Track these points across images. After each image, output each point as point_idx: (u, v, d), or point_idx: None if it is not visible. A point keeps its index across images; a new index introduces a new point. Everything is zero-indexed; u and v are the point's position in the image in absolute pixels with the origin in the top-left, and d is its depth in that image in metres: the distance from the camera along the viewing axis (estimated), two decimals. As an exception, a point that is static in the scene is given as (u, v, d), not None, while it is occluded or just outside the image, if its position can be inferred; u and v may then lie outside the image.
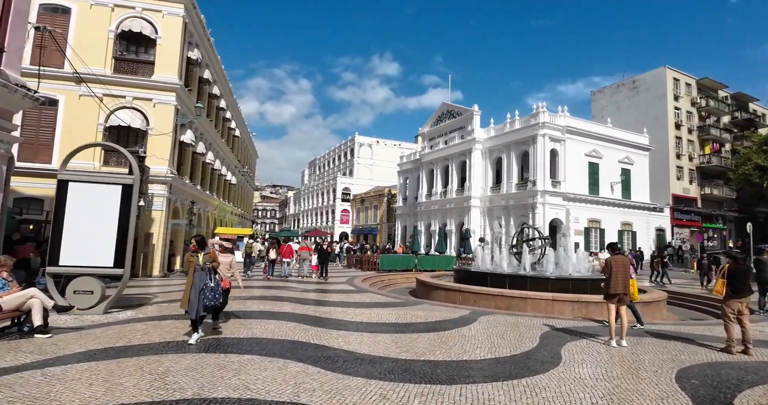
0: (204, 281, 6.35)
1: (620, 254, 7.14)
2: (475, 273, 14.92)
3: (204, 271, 6.43)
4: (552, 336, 7.41)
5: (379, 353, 5.96)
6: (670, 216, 39.66)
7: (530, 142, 32.28)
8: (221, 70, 28.02)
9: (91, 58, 18.25)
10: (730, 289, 6.60)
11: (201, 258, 6.53)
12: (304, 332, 7.15)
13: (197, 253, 6.59)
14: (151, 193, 18.25)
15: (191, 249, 6.71)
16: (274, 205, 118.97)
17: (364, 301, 11.06)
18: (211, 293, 6.37)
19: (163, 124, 18.65)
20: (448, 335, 7.27)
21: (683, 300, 16.14)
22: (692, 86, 44.26)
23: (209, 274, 6.48)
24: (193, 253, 6.61)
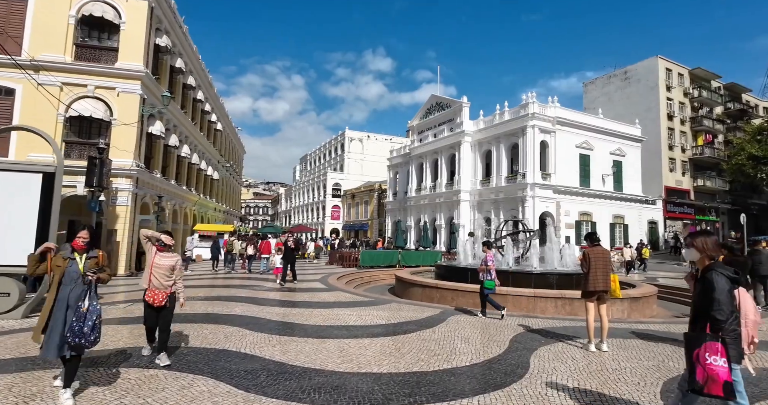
0: (78, 302, 3.95)
1: (599, 246, 6.26)
2: (455, 268, 14.05)
3: (81, 285, 4.01)
4: (524, 339, 6.55)
5: (315, 364, 5.06)
6: (663, 208, 39.03)
7: (520, 133, 31.41)
8: (197, 60, 26.88)
9: (50, 45, 17.20)
10: (725, 284, 5.74)
11: (81, 262, 4.12)
12: (240, 339, 6.24)
13: (78, 252, 4.18)
14: (114, 187, 17.24)
15: (74, 245, 4.22)
16: (266, 202, 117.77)
17: (328, 300, 10.16)
18: (81, 323, 3.86)
19: (128, 114, 17.59)
20: (406, 340, 6.38)
21: (675, 294, 15.37)
22: (685, 76, 43.52)
23: (89, 291, 4.02)
24: (71, 253, 4.16)
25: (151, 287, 5.16)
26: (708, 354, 2.77)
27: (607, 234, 34.14)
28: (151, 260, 5.26)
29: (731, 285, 2.93)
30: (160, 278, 5.17)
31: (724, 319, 2.82)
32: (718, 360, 2.75)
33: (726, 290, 2.88)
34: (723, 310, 2.82)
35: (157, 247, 5.34)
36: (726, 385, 2.73)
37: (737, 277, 2.97)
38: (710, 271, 2.99)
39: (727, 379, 2.73)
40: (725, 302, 2.84)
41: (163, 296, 5.15)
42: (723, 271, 2.94)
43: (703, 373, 2.77)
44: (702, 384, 2.78)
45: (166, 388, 4.23)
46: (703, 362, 2.78)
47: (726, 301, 2.84)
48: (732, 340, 2.85)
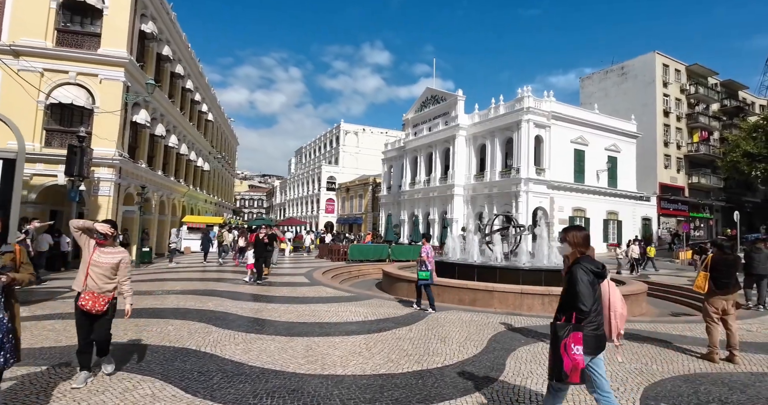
0: None
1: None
2: (442, 263, 13.73)
3: None
4: (504, 338, 6.26)
5: (276, 365, 4.74)
6: (657, 205, 38.89)
7: (514, 128, 31.07)
8: (186, 48, 26.29)
9: (31, 30, 16.66)
10: (713, 284, 5.45)
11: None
12: (204, 337, 5.91)
13: None
14: (96, 177, 16.80)
15: None
16: (261, 194, 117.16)
17: (308, 296, 9.84)
18: None
19: (111, 102, 17.10)
20: (379, 338, 6.08)
21: (666, 292, 15.16)
22: (682, 73, 43.20)
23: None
24: None
25: (86, 290, 4.06)
26: (573, 344, 2.90)
27: (600, 230, 34.00)
28: (87, 257, 4.13)
29: (593, 278, 3.03)
30: (98, 280, 4.10)
31: (588, 310, 2.93)
32: (580, 349, 2.89)
33: (588, 283, 2.98)
34: (586, 302, 2.93)
35: (96, 240, 4.19)
36: (583, 372, 2.90)
37: (600, 272, 3.07)
38: (575, 264, 3.10)
39: (583, 366, 2.89)
40: (587, 295, 2.94)
41: (103, 302, 4.10)
42: (587, 265, 3.05)
43: (570, 362, 2.89)
44: (568, 373, 2.89)
45: (108, 391, 3.91)
46: (569, 352, 2.89)
47: (588, 294, 2.94)
48: (591, 331, 2.97)
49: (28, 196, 16.36)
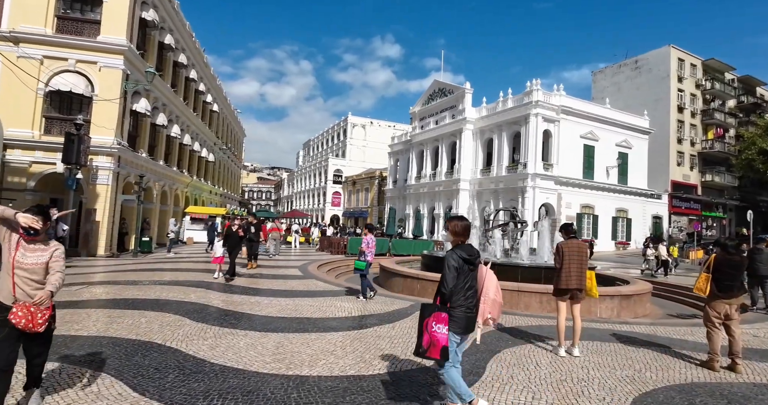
0: None
1: (574, 238, 5.56)
2: (439, 258, 13.41)
3: None
4: (490, 339, 5.91)
5: (239, 363, 4.47)
6: (668, 203, 37.99)
7: (522, 122, 30.43)
8: (190, 37, 26.05)
9: (30, 16, 16.51)
10: (716, 287, 5.03)
11: None
12: (175, 330, 5.66)
13: None
14: (95, 165, 16.69)
15: None
16: (270, 186, 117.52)
17: (297, 289, 9.58)
18: None
19: (109, 90, 16.93)
20: (358, 336, 5.78)
21: (673, 292, 14.66)
22: (697, 67, 41.95)
23: None
24: None
25: (18, 303, 3.02)
26: (435, 322, 3.13)
27: (609, 228, 33.34)
28: (9, 257, 3.08)
29: (462, 264, 3.24)
30: (26, 286, 3.08)
31: (447, 292, 3.20)
32: (442, 328, 3.11)
33: (453, 268, 3.22)
34: (445, 285, 3.19)
35: (21, 234, 3.12)
36: (443, 349, 3.10)
37: (470, 259, 3.28)
38: (449, 251, 3.37)
39: (445, 344, 3.10)
40: (449, 279, 3.20)
41: (41, 319, 3.04)
42: (458, 252, 3.28)
43: (428, 339, 3.13)
44: (425, 348, 3.13)
45: (51, 385, 3.66)
46: (429, 330, 3.14)
47: (450, 278, 3.20)
48: (459, 313, 3.21)
49: (27, 183, 16.34)
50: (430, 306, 3.27)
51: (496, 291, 3.46)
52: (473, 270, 3.34)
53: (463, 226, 3.44)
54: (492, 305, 3.40)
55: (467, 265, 3.27)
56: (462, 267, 3.24)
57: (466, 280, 3.27)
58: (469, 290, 3.28)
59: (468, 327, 3.28)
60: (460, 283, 3.24)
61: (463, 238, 3.42)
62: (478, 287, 3.39)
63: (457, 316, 3.20)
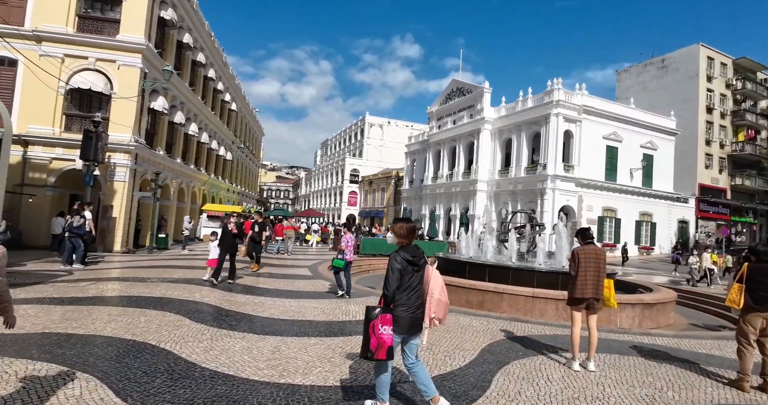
0: None
1: (592, 244, 5.19)
2: (453, 261, 13.06)
3: None
4: (500, 348, 5.59)
5: (231, 368, 4.27)
6: (695, 207, 36.58)
7: (542, 122, 29.70)
8: (208, 37, 26.27)
9: (52, 15, 16.85)
10: (750, 299, 4.59)
11: None
12: (172, 331, 5.52)
13: None
14: (113, 162, 16.90)
15: None
16: (288, 185, 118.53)
17: (303, 290, 9.40)
18: None
19: (128, 88, 17.14)
20: (360, 342, 5.52)
21: (698, 300, 13.98)
22: (728, 67, 40.29)
23: None
24: None
25: None
26: (381, 324, 3.17)
27: (632, 232, 32.28)
28: None
29: (406, 266, 3.29)
30: None
31: (390, 294, 3.25)
32: (387, 329, 3.18)
33: (397, 270, 3.26)
34: (388, 287, 3.25)
35: None
36: (389, 349, 3.17)
37: (414, 260, 3.32)
38: (393, 253, 3.40)
39: (390, 344, 3.16)
40: (392, 280, 3.25)
41: None
42: (402, 254, 3.33)
43: (375, 341, 3.15)
44: (373, 351, 3.15)
45: (33, 388, 3.52)
46: (377, 332, 3.16)
47: (393, 280, 3.25)
48: (401, 313, 3.26)
49: (47, 179, 16.65)
50: (373, 308, 3.28)
51: (441, 291, 3.53)
52: (418, 271, 3.39)
53: (408, 228, 3.47)
54: (437, 305, 3.48)
55: (411, 266, 3.33)
56: (405, 268, 3.30)
57: (410, 281, 3.32)
58: (413, 291, 3.33)
59: (411, 327, 3.33)
60: (405, 283, 3.30)
61: (408, 239, 3.46)
62: (424, 288, 3.44)
63: (400, 316, 3.26)
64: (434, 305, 3.44)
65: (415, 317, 3.32)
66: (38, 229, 16.15)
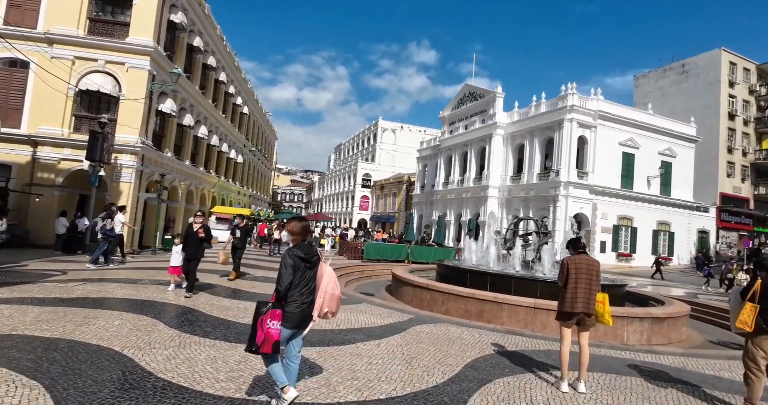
0: None
1: (584, 253, 4.79)
2: (454, 269, 12.68)
3: None
4: (485, 364, 5.21)
5: (188, 380, 4.00)
6: (716, 217, 35.28)
7: (556, 127, 29.08)
8: (220, 40, 26.49)
9: (64, 18, 17.11)
10: (763, 320, 4.12)
11: None
12: (141, 336, 5.30)
13: None
14: (119, 163, 17.00)
15: None
16: (302, 189, 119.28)
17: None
18: None
19: (136, 90, 17.27)
20: (335, 353, 5.22)
21: (715, 315, 13.27)
22: (751, 72, 38.97)
23: None
24: None
25: None
26: (270, 319, 3.31)
27: (649, 241, 31.25)
28: None
29: (298, 262, 3.44)
30: None
31: (282, 290, 3.39)
32: (276, 324, 3.31)
33: (289, 266, 3.40)
34: (281, 283, 3.39)
35: None
36: (275, 343, 3.29)
37: (307, 257, 3.47)
38: (286, 250, 3.56)
39: (277, 338, 3.30)
40: (284, 277, 3.38)
41: None
42: (295, 251, 3.48)
43: (262, 335, 3.27)
44: (259, 345, 3.26)
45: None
46: (264, 327, 3.29)
47: (285, 276, 3.38)
48: (293, 308, 3.40)
49: (55, 179, 16.84)
50: (265, 303, 3.40)
51: (334, 286, 3.61)
52: (311, 268, 3.53)
53: (301, 227, 3.62)
54: (330, 299, 3.57)
55: (303, 263, 3.46)
56: (298, 265, 3.44)
57: (302, 277, 3.46)
58: (305, 287, 3.48)
59: (301, 321, 3.46)
60: (296, 280, 3.43)
61: (301, 237, 3.60)
62: (317, 283, 3.58)
63: (291, 311, 3.39)
64: (327, 300, 3.55)
65: (305, 312, 3.47)
66: (45, 229, 16.28)
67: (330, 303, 3.59)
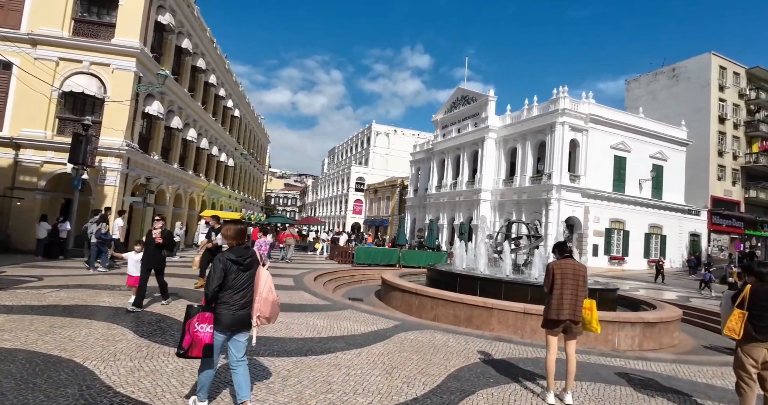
0: None
1: (570, 258, 4.59)
2: (444, 273, 12.46)
3: None
4: (469, 374, 4.99)
5: (146, 395, 3.75)
6: (708, 220, 35.41)
7: (548, 130, 29.07)
8: (210, 43, 26.24)
9: (49, 19, 16.81)
10: (752, 327, 3.95)
11: None
12: (107, 346, 5.03)
13: None
14: (104, 166, 16.67)
15: None
16: (296, 193, 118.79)
17: (281, 302, 8.82)
18: None
19: (122, 91, 16.97)
20: (312, 363, 4.97)
21: (708, 319, 13.15)
22: (741, 76, 39.33)
23: None
24: None
25: None
26: (198, 323, 3.30)
27: (641, 245, 31.26)
28: None
29: (231, 266, 3.38)
30: None
31: (209, 293, 3.33)
32: (206, 327, 3.29)
33: (220, 270, 3.34)
34: (209, 286, 3.34)
35: None
36: (206, 347, 3.28)
37: (239, 260, 3.43)
38: (219, 253, 3.58)
39: (208, 342, 3.29)
40: (214, 280, 3.32)
41: None
42: (227, 254, 3.45)
43: (190, 339, 3.26)
44: (186, 349, 3.26)
45: None
46: (191, 330, 3.28)
47: (214, 279, 3.32)
48: (223, 311, 3.34)
49: (38, 183, 16.47)
50: (194, 307, 3.44)
51: (269, 290, 3.58)
52: (244, 270, 3.47)
53: (235, 230, 3.61)
54: (263, 304, 3.52)
55: (235, 266, 3.43)
56: (229, 268, 3.40)
57: (234, 280, 3.42)
58: (239, 290, 3.43)
59: (234, 325, 3.39)
60: (229, 283, 3.39)
61: (236, 241, 3.59)
62: (255, 287, 3.54)
63: (222, 314, 3.35)
64: (261, 304, 3.50)
65: (238, 315, 3.39)
66: (27, 233, 15.85)
67: (263, 308, 3.53)
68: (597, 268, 27.01)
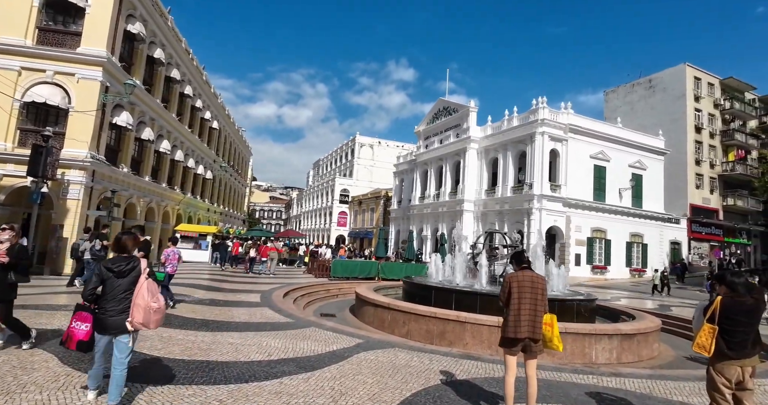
0: None
1: (528, 269, 4.22)
2: (419, 285, 12.04)
3: None
4: (426, 399, 4.53)
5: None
6: (687, 228, 35.76)
7: (528, 140, 29.14)
8: (185, 54, 25.81)
9: (11, 27, 16.24)
10: (724, 343, 3.59)
11: None
12: (22, 375, 4.45)
13: None
14: (66, 179, 15.96)
15: None
16: (281, 206, 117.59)
17: (235, 320, 8.26)
18: None
19: (87, 102, 16.41)
20: (252, 391, 4.47)
21: (688, 328, 12.88)
22: (715, 86, 40.28)
23: None
24: None
25: None
26: (75, 320, 3.87)
27: (623, 254, 31.29)
28: None
29: (106, 273, 3.78)
30: None
31: (84, 296, 3.85)
32: (81, 325, 3.84)
33: (96, 275, 3.84)
34: (85, 289, 3.89)
35: None
36: (80, 343, 3.83)
37: (113, 268, 3.78)
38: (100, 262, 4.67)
39: (83, 338, 3.82)
40: (89, 284, 3.89)
41: None
42: (103, 263, 3.88)
43: (66, 334, 3.87)
44: (64, 340, 3.89)
45: None
46: (70, 325, 3.88)
47: (90, 284, 3.85)
48: (101, 315, 3.75)
49: (-4, 197, 15.67)
50: (78, 305, 3.89)
51: (142, 297, 3.72)
52: (119, 277, 3.75)
53: (115, 242, 3.95)
54: (136, 310, 3.69)
55: (111, 273, 3.74)
56: (105, 275, 3.76)
57: (112, 286, 3.74)
58: (115, 298, 3.73)
59: (111, 328, 3.71)
60: (107, 289, 3.74)
61: (119, 252, 3.91)
62: (135, 294, 3.76)
63: (99, 317, 3.74)
64: (136, 310, 3.70)
65: (114, 320, 3.70)
66: (-18, 251, 15.01)
67: (137, 314, 3.68)
68: (580, 278, 26.84)
